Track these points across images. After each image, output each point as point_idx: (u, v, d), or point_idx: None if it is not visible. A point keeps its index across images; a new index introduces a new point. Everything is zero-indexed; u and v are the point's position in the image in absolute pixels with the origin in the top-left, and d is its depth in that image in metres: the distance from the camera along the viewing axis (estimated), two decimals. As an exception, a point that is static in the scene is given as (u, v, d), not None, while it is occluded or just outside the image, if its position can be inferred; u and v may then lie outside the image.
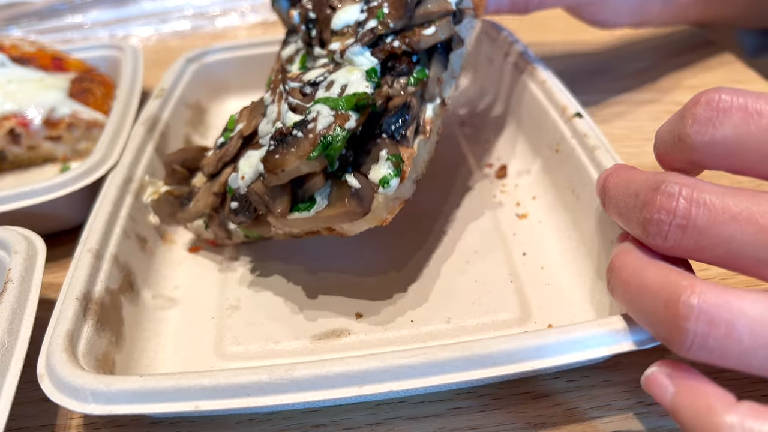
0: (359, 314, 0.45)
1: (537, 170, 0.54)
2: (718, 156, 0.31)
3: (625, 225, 0.33)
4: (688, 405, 0.28)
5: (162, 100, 0.61)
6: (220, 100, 0.71)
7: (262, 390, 0.33)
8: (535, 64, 0.56)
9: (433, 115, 0.45)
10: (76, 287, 0.40)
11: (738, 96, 0.30)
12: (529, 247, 0.49)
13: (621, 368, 0.40)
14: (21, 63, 0.67)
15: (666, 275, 0.29)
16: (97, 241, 0.44)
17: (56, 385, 0.35)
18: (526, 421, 0.38)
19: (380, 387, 0.33)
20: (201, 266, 0.51)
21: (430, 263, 0.48)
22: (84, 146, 0.65)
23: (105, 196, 0.49)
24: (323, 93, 0.42)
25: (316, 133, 0.39)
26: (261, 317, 0.45)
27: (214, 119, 0.69)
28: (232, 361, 0.42)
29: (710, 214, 0.28)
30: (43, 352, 0.36)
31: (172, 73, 0.66)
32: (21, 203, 0.50)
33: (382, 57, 0.44)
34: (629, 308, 0.33)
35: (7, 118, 0.61)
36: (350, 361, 0.33)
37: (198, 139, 0.64)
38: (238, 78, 0.70)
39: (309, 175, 0.39)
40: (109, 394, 0.33)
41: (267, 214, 0.41)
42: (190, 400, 0.33)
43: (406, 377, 0.33)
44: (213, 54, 0.71)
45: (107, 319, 0.41)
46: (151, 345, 0.44)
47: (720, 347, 0.27)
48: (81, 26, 0.99)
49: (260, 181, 0.40)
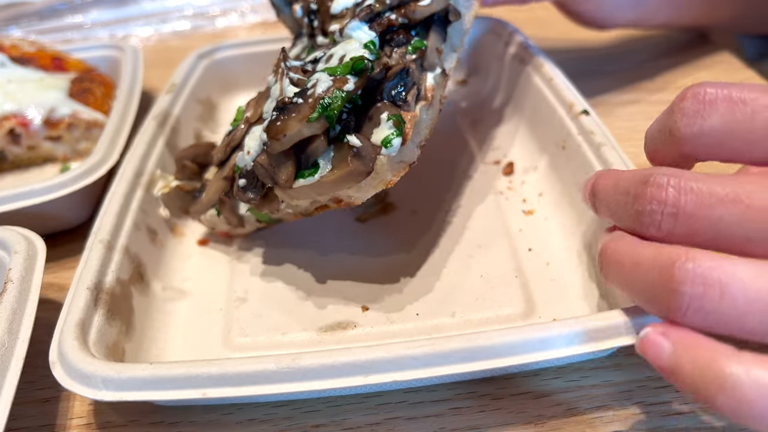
0: (365, 307, 0.45)
1: (544, 167, 0.54)
2: (707, 146, 0.32)
3: (619, 221, 0.34)
4: (689, 360, 0.28)
5: (173, 95, 0.61)
6: (230, 96, 0.71)
7: (269, 378, 0.34)
8: (542, 61, 0.57)
9: (434, 83, 0.45)
10: (87, 277, 0.41)
11: (723, 88, 0.31)
12: (535, 243, 0.49)
13: (621, 368, 0.40)
14: (21, 63, 0.67)
15: (659, 249, 0.30)
16: (108, 232, 0.44)
17: (68, 372, 0.35)
18: (526, 421, 0.38)
19: (386, 377, 0.33)
20: (210, 259, 0.51)
21: (436, 257, 0.49)
22: (84, 146, 0.65)
23: (116, 188, 0.49)
24: (323, 66, 0.43)
25: (315, 96, 0.39)
26: (268, 309, 0.46)
27: (224, 115, 0.69)
28: (240, 352, 0.43)
29: (698, 200, 0.29)
30: (55, 340, 0.37)
31: (183, 69, 0.66)
32: (21, 203, 0.50)
33: (380, 30, 0.44)
34: (624, 285, 0.33)
35: (7, 118, 0.61)
36: (356, 351, 0.34)
37: (208, 134, 0.65)
38: (248, 74, 0.70)
39: (311, 140, 0.40)
40: (120, 381, 0.34)
41: (274, 187, 0.42)
42: (198, 388, 0.34)
43: (411, 367, 0.33)
44: (224, 50, 0.71)
45: (118, 309, 0.42)
46: (160, 335, 0.44)
47: (715, 310, 0.28)
48: (81, 26, 0.99)
49: (264, 153, 0.41)
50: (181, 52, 0.71)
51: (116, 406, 0.41)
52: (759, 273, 0.27)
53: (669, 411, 0.37)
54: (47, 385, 0.42)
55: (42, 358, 0.44)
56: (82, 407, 0.41)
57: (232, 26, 0.97)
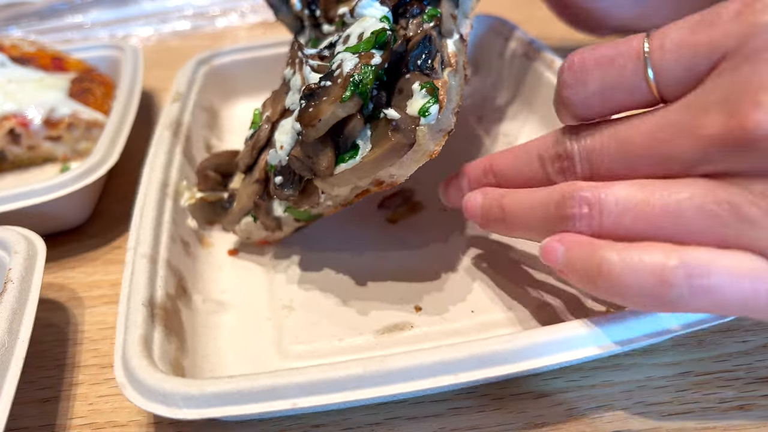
0: (418, 307, 0.45)
1: None
2: (596, 106, 0.35)
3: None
4: (578, 255, 0.33)
5: (181, 103, 0.60)
6: (231, 103, 0.70)
7: (358, 384, 0.33)
8: (551, 57, 0.57)
9: (455, 49, 0.45)
10: (139, 293, 0.39)
11: (591, 52, 0.35)
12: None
13: (621, 368, 0.40)
14: (21, 63, 0.67)
15: (549, 190, 0.36)
16: (149, 246, 0.43)
17: (141, 392, 0.34)
18: (526, 421, 0.38)
19: (476, 374, 0.33)
20: (244, 269, 0.50)
21: (474, 252, 0.49)
22: (84, 146, 0.65)
23: (145, 200, 0.47)
24: (342, 47, 0.42)
25: (344, 75, 0.38)
26: (317, 315, 0.45)
27: (228, 122, 0.68)
28: (297, 361, 0.42)
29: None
30: (118, 361, 0.35)
31: (185, 76, 0.65)
32: (21, 203, 0.50)
33: (392, 4, 0.43)
34: (514, 229, 0.38)
35: (7, 118, 0.61)
36: (443, 350, 0.33)
37: (216, 142, 0.64)
38: (248, 80, 0.70)
39: (347, 121, 0.39)
40: (202, 398, 0.33)
41: (314, 179, 0.41)
42: (286, 398, 0.33)
43: (500, 363, 0.33)
44: (222, 56, 0.70)
45: (171, 324, 0.40)
46: (210, 350, 0.43)
47: (599, 223, 0.33)
48: (81, 26, 0.99)
49: (299, 144, 0.40)
50: (181, 52, 0.71)
51: (116, 406, 0.41)
52: (630, 188, 0.33)
53: (669, 411, 0.37)
54: (47, 385, 0.43)
55: (42, 358, 0.44)
56: (82, 407, 0.41)
57: (232, 26, 0.97)
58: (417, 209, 0.53)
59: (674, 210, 0.31)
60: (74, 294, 0.50)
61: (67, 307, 0.49)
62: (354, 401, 0.33)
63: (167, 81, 0.67)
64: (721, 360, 0.40)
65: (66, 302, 0.49)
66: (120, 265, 0.52)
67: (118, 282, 0.50)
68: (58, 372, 0.44)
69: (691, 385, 0.39)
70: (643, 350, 0.41)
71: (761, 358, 0.40)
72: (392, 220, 0.53)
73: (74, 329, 0.47)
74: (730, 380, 0.39)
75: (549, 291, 0.45)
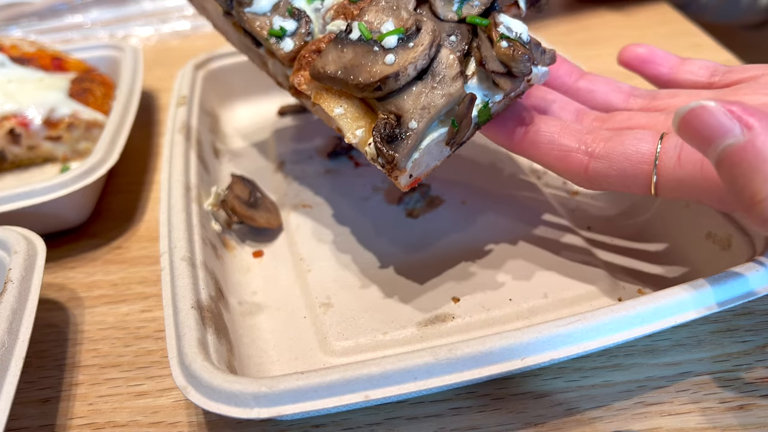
0: (456, 298, 0.45)
1: None
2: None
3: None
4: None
5: (187, 107, 0.60)
6: (229, 106, 0.70)
7: (429, 372, 0.33)
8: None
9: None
10: (186, 296, 0.39)
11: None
12: (593, 222, 0.51)
13: (621, 368, 0.40)
14: (21, 63, 0.67)
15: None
16: (186, 249, 0.43)
17: (207, 394, 0.33)
18: (526, 421, 0.38)
19: (542, 357, 0.34)
20: (270, 270, 0.50)
21: (502, 241, 0.49)
22: (84, 146, 0.65)
23: (172, 204, 0.47)
24: None
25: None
26: (357, 310, 0.45)
27: (227, 126, 0.68)
28: (343, 357, 0.42)
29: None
30: (175, 366, 0.35)
31: (186, 80, 0.65)
32: (21, 203, 0.50)
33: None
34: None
35: (7, 118, 0.61)
36: (508, 335, 0.34)
37: (220, 146, 0.63)
38: (243, 83, 0.70)
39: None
40: (273, 396, 0.32)
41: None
42: (359, 391, 0.33)
43: (566, 344, 0.34)
44: (218, 60, 0.70)
45: (218, 326, 0.40)
46: (252, 351, 0.43)
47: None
48: (81, 26, 0.99)
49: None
50: (181, 52, 0.71)
51: (118, 407, 0.41)
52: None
53: (669, 411, 0.37)
54: (47, 385, 0.43)
55: (42, 358, 0.44)
56: (82, 407, 0.41)
57: (232, 26, 0.97)
58: (436, 203, 0.54)
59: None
60: (74, 294, 0.50)
61: (67, 307, 0.49)
62: (425, 390, 0.33)
63: (167, 81, 0.67)
64: (721, 360, 0.40)
65: (66, 302, 0.49)
66: (120, 265, 0.53)
67: (118, 282, 0.51)
68: (58, 372, 0.44)
69: (691, 385, 0.39)
70: (644, 350, 0.41)
71: (761, 358, 0.40)
72: (413, 215, 0.53)
73: (74, 329, 0.47)
74: (730, 380, 0.39)
75: (581, 275, 0.45)
